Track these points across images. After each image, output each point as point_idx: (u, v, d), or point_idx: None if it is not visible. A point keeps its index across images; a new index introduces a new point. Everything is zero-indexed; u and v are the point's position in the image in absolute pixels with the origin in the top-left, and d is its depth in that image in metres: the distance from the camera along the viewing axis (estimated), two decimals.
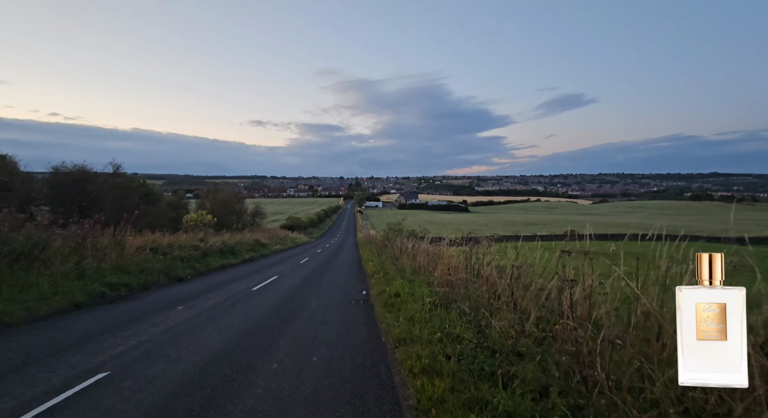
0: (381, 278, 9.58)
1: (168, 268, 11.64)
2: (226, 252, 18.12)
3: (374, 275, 10.79)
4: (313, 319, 6.31)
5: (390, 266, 11.73)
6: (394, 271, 10.30)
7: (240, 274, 13.31)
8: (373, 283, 9.47)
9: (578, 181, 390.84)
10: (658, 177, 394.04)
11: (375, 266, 12.46)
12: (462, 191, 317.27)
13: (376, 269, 11.55)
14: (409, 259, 10.88)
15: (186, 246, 14.64)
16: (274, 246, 27.87)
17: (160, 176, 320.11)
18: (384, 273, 10.25)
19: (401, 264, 10.94)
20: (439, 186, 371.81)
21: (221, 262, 16.04)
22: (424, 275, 8.35)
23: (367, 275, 12.27)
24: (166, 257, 12.30)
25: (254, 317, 6.49)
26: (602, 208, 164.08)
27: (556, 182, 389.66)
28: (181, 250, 13.80)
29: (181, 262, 13.08)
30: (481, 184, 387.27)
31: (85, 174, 22.45)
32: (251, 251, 21.73)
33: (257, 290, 9.30)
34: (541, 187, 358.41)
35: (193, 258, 14.17)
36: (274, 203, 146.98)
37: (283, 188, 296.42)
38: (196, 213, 22.95)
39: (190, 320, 6.26)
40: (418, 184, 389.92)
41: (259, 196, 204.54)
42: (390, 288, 7.32)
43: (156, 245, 12.78)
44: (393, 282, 8.28)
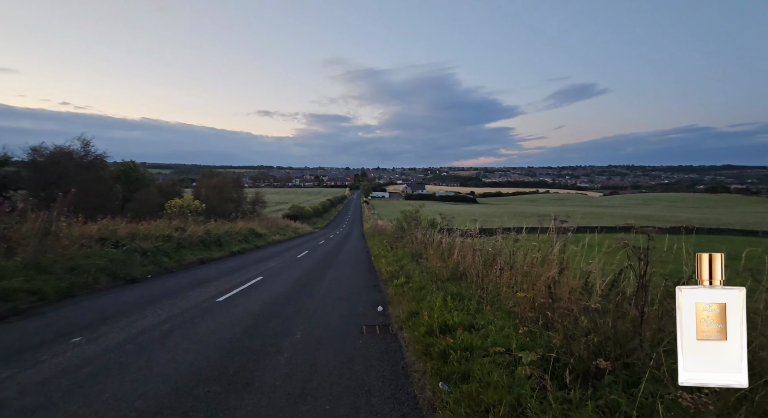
0: (404, 285, 6.61)
1: (117, 265, 8.81)
2: (210, 243, 15.31)
3: (392, 278, 7.84)
4: (289, 381, 3.32)
5: (412, 265, 8.77)
6: (420, 274, 7.34)
7: (217, 272, 10.47)
8: (393, 293, 6.51)
9: (587, 173, 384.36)
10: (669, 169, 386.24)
11: (391, 265, 9.51)
12: (469, 183, 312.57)
13: (394, 270, 8.60)
14: (441, 256, 7.91)
15: (154, 236, 11.81)
16: (272, 237, 25.09)
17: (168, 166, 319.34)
18: (406, 277, 7.28)
19: (429, 264, 7.96)
20: (445, 177, 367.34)
21: (201, 255, 13.22)
22: (478, 285, 5.37)
23: (380, 276, 9.35)
24: (117, 251, 9.46)
25: (178, 374, 3.50)
26: (614, 200, 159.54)
27: (564, 174, 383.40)
28: (144, 241, 10.97)
29: (143, 256, 10.25)
30: (488, 175, 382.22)
31: (67, 156, 19.70)
32: (243, 243, 18.94)
33: (222, 302, 6.39)
34: (549, 178, 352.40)
35: (161, 251, 11.34)
36: (279, 193, 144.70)
37: (288, 178, 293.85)
38: (181, 198, 20.12)
39: (47, 384, 3.32)
40: (425, 175, 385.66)
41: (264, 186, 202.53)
42: (431, 313, 4.32)
43: (107, 234, 9.94)
44: (428, 296, 5.31)
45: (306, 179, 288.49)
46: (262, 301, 6.52)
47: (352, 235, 33.90)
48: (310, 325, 5.01)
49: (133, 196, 26.58)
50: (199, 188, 32.60)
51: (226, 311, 5.77)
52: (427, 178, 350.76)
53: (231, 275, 9.79)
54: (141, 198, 25.94)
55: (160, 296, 6.93)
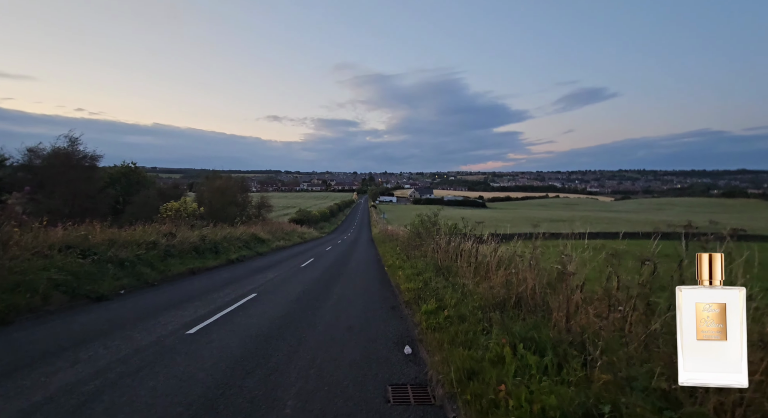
0: (437, 314, 4.90)
1: (82, 279, 7.27)
2: (205, 251, 13.78)
3: (417, 300, 6.14)
4: None
5: (439, 281, 7.06)
6: (454, 296, 5.63)
7: (206, 286, 8.88)
8: (425, 326, 4.79)
9: (597, 178, 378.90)
10: (681, 174, 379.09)
11: (411, 280, 7.81)
12: (477, 187, 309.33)
13: (417, 288, 6.88)
14: (477, 270, 6.22)
15: (136, 243, 10.29)
16: (276, 242, 23.58)
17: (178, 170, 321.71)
18: (438, 301, 5.57)
19: (464, 281, 6.25)
20: (453, 182, 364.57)
21: (192, 264, 11.68)
22: (546, 317, 3.67)
23: (399, 293, 7.67)
24: (85, 261, 7.93)
25: None
26: (626, 205, 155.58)
27: (573, 179, 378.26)
28: (123, 249, 9.45)
29: (118, 267, 8.72)
30: (497, 180, 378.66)
31: (65, 157, 18.47)
32: (243, 249, 17.41)
33: (193, 337, 4.74)
34: (558, 183, 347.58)
35: (143, 261, 9.81)
36: (287, 197, 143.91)
37: (296, 183, 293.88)
38: (177, 201, 18.71)
39: None
40: (432, 179, 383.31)
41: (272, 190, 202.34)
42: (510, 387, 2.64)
43: (75, 241, 8.41)
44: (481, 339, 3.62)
45: (314, 183, 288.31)
46: (246, 333, 4.88)
47: (360, 240, 32.26)
48: (307, 384, 3.33)
49: (131, 200, 25.31)
50: (202, 191, 31.30)
51: (192, 353, 4.13)
52: (435, 182, 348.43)
53: (220, 291, 8.20)
54: (139, 201, 24.65)
55: (119, 323, 5.34)
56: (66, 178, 14.73)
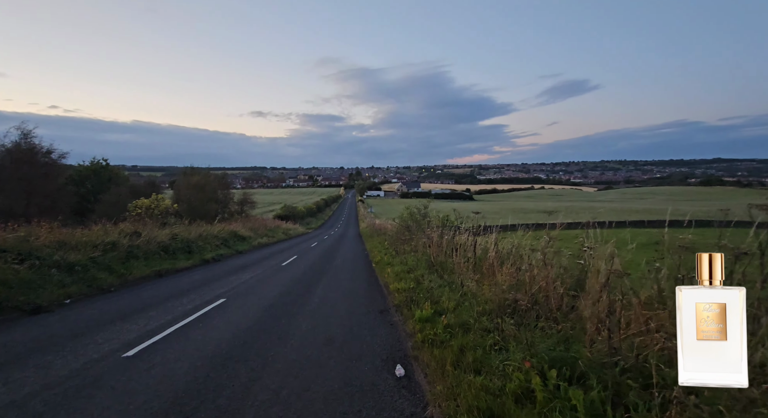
0: (434, 323, 4.06)
1: (16, 287, 6.17)
2: (177, 250, 12.65)
3: (409, 303, 5.28)
4: None
5: (433, 280, 6.22)
6: (452, 297, 4.80)
7: (170, 290, 7.84)
8: (420, 337, 3.93)
9: (580, 169, 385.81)
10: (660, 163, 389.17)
11: (402, 279, 6.96)
12: (464, 180, 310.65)
13: (409, 288, 6.02)
14: (476, 267, 5.41)
15: (93, 244, 9.14)
16: (258, 239, 22.41)
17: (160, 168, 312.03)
18: (433, 304, 4.73)
19: (462, 279, 5.43)
20: (440, 175, 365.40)
21: (160, 266, 10.57)
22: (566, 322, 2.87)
23: (388, 294, 6.80)
24: (22, 267, 6.80)
25: None
26: (609, 194, 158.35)
27: (558, 170, 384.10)
28: (75, 252, 8.32)
29: (67, 273, 7.60)
30: (483, 172, 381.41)
31: (17, 152, 16.87)
32: (221, 248, 16.28)
33: (130, 361, 3.77)
34: (543, 175, 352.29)
35: (99, 264, 8.69)
36: (273, 194, 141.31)
37: (282, 179, 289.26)
38: (148, 198, 17.37)
39: None
40: (420, 173, 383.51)
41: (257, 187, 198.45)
42: None
43: (10, 244, 7.25)
44: (493, 360, 2.79)
45: (300, 179, 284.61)
46: (200, 353, 3.94)
47: (347, 235, 31.31)
48: None
49: (99, 198, 23.74)
50: (179, 188, 29.72)
51: (120, 387, 3.17)
52: (422, 176, 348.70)
53: (185, 296, 7.19)
54: (110, 200, 23.11)
55: (44, 344, 4.32)
56: (18, 175, 13.31)
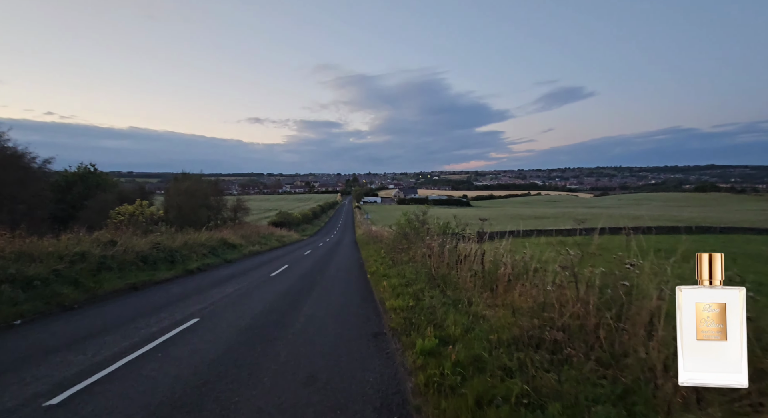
0: (442, 359, 3.28)
1: None
2: (158, 260, 11.77)
3: (408, 328, 4.49)
4: None
5: (435, 296, 5.43)
6: (458, 320, 4.02)
7: (138, 309, 6.97)
8: (423, 378, 3.15)
9: (576, 175, 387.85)
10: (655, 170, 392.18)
11: (399, 295, 6.16)
12: (461, 186, 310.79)
13: (407, 307, 5.23)
14: (485, 284, 4.64)
15: (58, 255, 8.28)
16: (250, 247, 21.53)
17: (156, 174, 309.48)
18: (437, 329, 3.94)
19: (465, 294, 4.65)
20: (437, 181, 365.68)
21: (136, 279, 9.71)
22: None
23: (384, 313, 6.00)
24: None
25: None
26: (605, 201, 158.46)
27: (554, 176, 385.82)
28: (34, 264, 7.45)
29: (22, 289, 6.75)
30: (480, 178, 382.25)
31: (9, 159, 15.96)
32: (209, 257, 15.41)
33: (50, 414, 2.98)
34: (539, 181, 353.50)
35: (65, 277, 7.83)
36: (269, 200, 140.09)
37: (279, 185, 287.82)
38: (132, 205, 16.49)
39: None
40: (416, 179, 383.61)
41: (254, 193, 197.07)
42: None
43: None
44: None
45: (297, 186, 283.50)
46: (143, 401, 3.10)
47: (343, 243, 30.45)
48: None
49: (84, 204, 22.81)
50: (169, 194, 28.80)
51: None
52: (418, 182, 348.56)
53: (153, 315, 6.34)
54: (95, 206, 22.17)
55: None
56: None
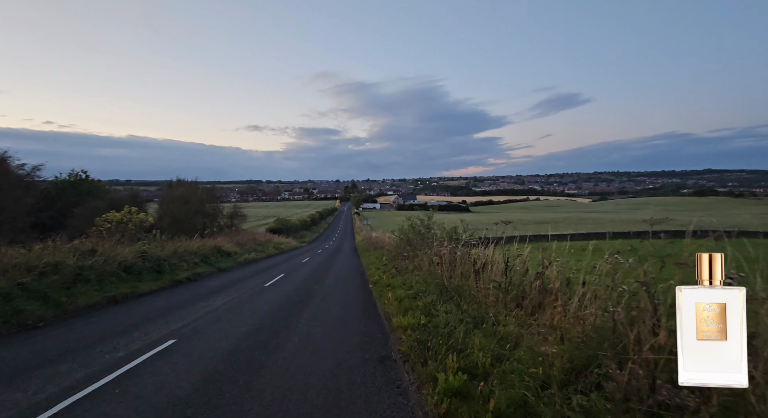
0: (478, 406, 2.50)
1: None
2: (143, 270, 10.96)
3: (423, 353, 3.71)
4: None
5: (450, 311, 4.66)
6: (485, 344, 3.25)
7: (112, 326, 6.16)
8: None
9: (574, 180, 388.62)
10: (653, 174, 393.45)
11: (408, 310, 5.38)
12: (459, 192, 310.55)
13: (417, 325, 4.44)
14: (515, 297, 3.88)
15: (26, 266, 7.48)
16: (245, 255, 20.71)
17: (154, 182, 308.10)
18: (463, 363, 3.16)
19: (494, 313, 3.88)
20: (436, 187, 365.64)
21: (116, 291, 8.89)
22: None
23: (390, 331, 5.22)
24: None
25: None
26: (605, 205, 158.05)
27: (552, 181, 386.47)
28: None
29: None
30: (478, 184, 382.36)
31: None
32: (201, 266, 14.60)
33: None
34: (537, 186, 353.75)
35: (33, 291, 7.03)
36: (267, 207, 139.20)
37: (278, 192, 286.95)
38: (120, 212, 15.71)
39: None
40: (415, 185, 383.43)
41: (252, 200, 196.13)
42: None
43: None
44: None
45: (295, 192, 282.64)
46: None
47: (342, 250, 29.63)
48: None
49: (73, 212, 22.02)
50: (163, 201, 28.03)
51: None
52: (417, 188, 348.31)
53: (126, 335, 5.54)
54: (84, 214, 21.37)
55: None
56: None
